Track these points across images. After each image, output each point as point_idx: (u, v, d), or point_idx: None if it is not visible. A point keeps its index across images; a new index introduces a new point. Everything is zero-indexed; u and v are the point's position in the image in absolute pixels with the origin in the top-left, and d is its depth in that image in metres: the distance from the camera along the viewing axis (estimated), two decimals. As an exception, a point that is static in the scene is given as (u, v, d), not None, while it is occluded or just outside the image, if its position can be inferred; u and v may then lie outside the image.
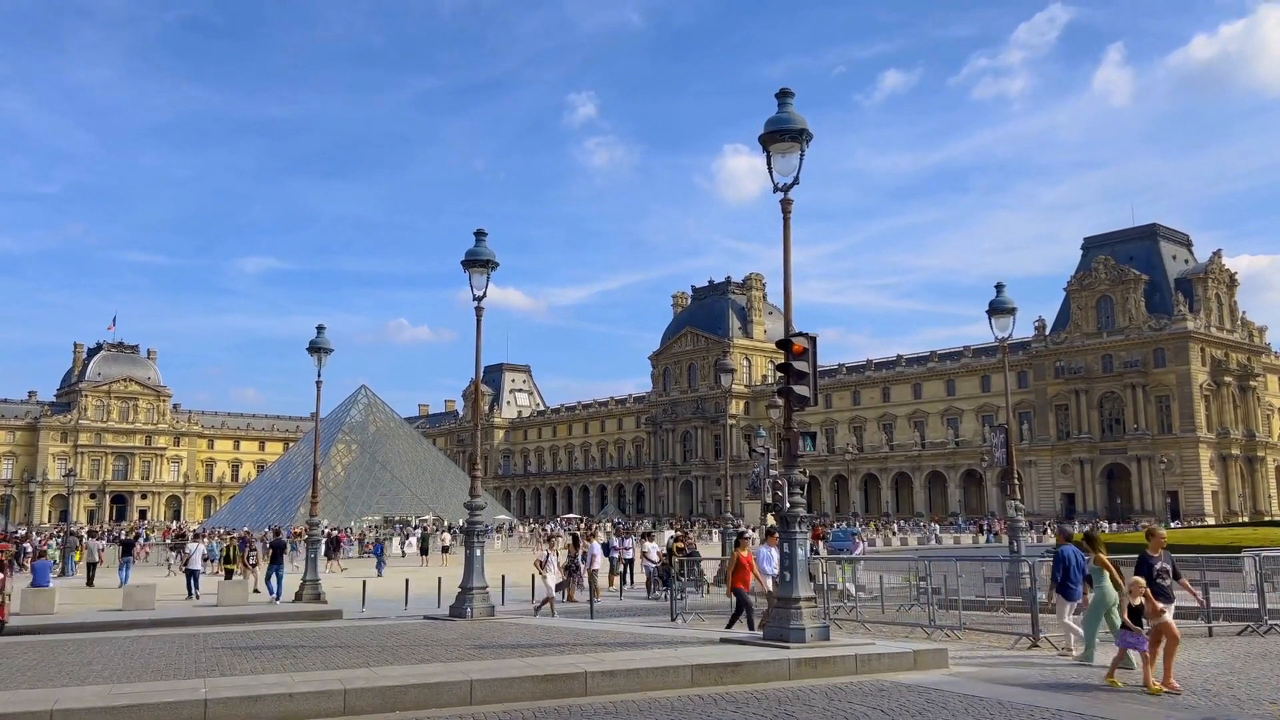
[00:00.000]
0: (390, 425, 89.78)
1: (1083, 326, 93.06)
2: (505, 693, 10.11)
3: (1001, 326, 22.70)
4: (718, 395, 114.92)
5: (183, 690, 9.86)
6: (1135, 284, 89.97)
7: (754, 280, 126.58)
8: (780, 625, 12.43)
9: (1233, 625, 16.19)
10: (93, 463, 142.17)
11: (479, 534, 19.00)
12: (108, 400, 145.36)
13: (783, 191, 13.27)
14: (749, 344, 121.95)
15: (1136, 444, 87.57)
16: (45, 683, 10.82)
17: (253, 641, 14.99)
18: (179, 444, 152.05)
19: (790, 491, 13.14)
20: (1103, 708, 9.67)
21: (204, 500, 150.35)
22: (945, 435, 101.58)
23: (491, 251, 18.73)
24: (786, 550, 12.84)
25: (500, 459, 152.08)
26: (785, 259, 13.36)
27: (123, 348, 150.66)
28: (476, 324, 18.83)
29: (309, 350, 25.90)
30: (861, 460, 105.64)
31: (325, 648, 13.94)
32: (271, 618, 20.97)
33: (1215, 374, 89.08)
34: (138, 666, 12.25)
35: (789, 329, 13.29)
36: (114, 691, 9.80)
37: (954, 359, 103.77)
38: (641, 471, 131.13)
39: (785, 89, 13.48)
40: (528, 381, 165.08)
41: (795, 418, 13.54)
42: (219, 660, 12.71)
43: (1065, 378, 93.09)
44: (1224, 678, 11.63)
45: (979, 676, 11.56)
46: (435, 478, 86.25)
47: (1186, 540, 38.03)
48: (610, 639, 14.33)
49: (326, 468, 74.81)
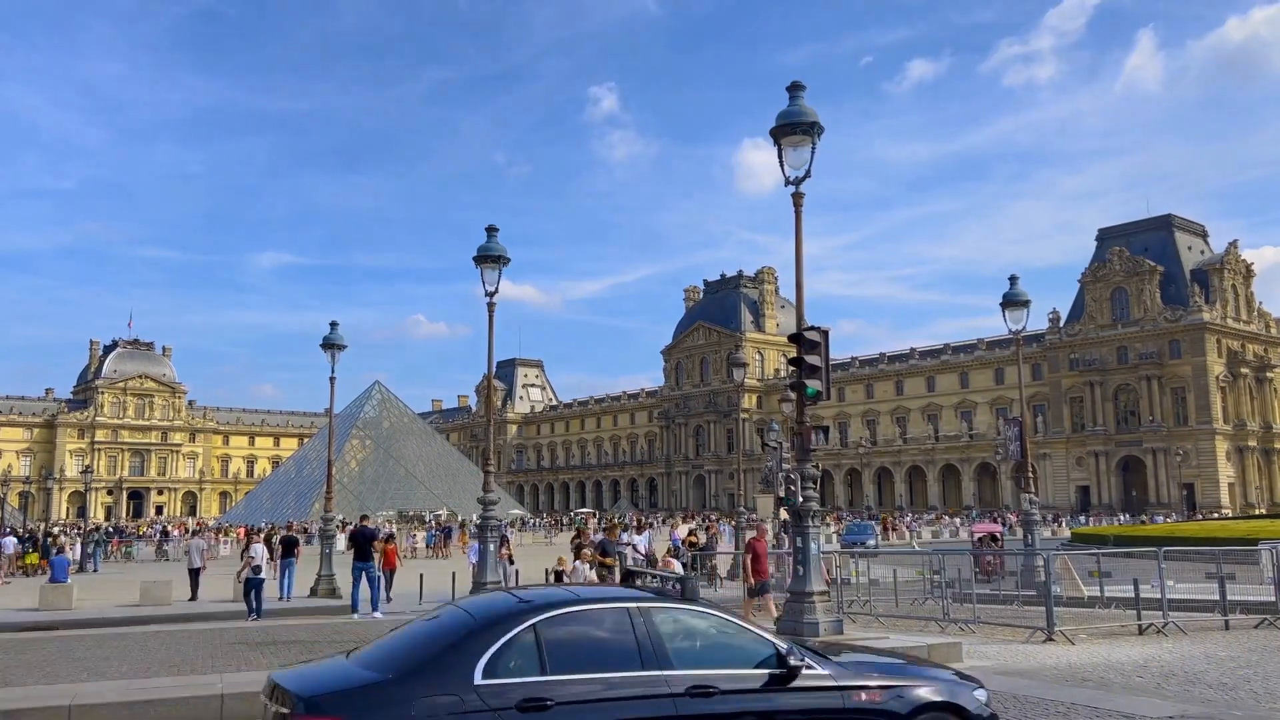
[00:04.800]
0: (404, 421, 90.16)
1: (1097, 318, 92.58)
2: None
3: (1015, 319, 22.60)
4: (730, 389, 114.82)
5: (199, 685, 9.93)
6: (1150, 275, 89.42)
7: (766, 274, 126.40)
8: (794, 619, 12.44)
9: (1250, 618, 16.10)
10: (109, 459, 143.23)
11: (492, 529, 19.05)
12: (124, 397, 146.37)
13: (794, 185, 13.24)
14: (761, 338, 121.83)
15: (1152, 436, 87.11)
16: (64, 678, 10.91)
17: (269, 637, 15.08)
18: (195, 440, 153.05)
19: (803, 486, 13.13)
20: (1117, 701, 9.63)
21: (220, 496, 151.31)
22: (959, 428, 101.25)
23: (503, 247, 18.75)
24: (800, 544, 12.84)
25: (513, 454, 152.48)
26: (797, 252, 13.35)
27: (138, 345, 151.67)
28: (489, 319, 18.87)
29: (322, 346, 25.98)
30: (875, 454, 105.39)
31: (340, 642, 13.99)
32: (287, 613, 21.08)
33: (1232, 365, 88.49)
34: (155, 662, 12.35)
35: (801, 322, 13.27)
36: (131, 686, 9.89)
37: (968, 351, 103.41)
38: (654, 466, 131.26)
39: (796, 82, 13.45)
40: (540, 376, 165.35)
41: (808, 411, 13.52)
42: (235, 655, 12.79)
43: (1080, 370, 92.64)
44: (1241, 671, 11.58)
45: (993, 670, 11.52)
46: (449, 473, 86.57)
47: (1202, 533, 37.94)
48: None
49: (341, 463, 75.14)
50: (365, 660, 5.99)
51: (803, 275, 13.36)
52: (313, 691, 5.58)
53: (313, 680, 5.84)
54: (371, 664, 5.86)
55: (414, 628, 6.39)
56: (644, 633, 6.00)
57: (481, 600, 6.83)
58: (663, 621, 6.16)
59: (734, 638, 6.32)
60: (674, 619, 6.28)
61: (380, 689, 5.50)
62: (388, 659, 5.86)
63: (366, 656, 6.07)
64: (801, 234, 13.34)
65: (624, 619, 6.07)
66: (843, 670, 6.45)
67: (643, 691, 5.78)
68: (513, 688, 5.55)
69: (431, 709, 5.39)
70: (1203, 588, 19.03)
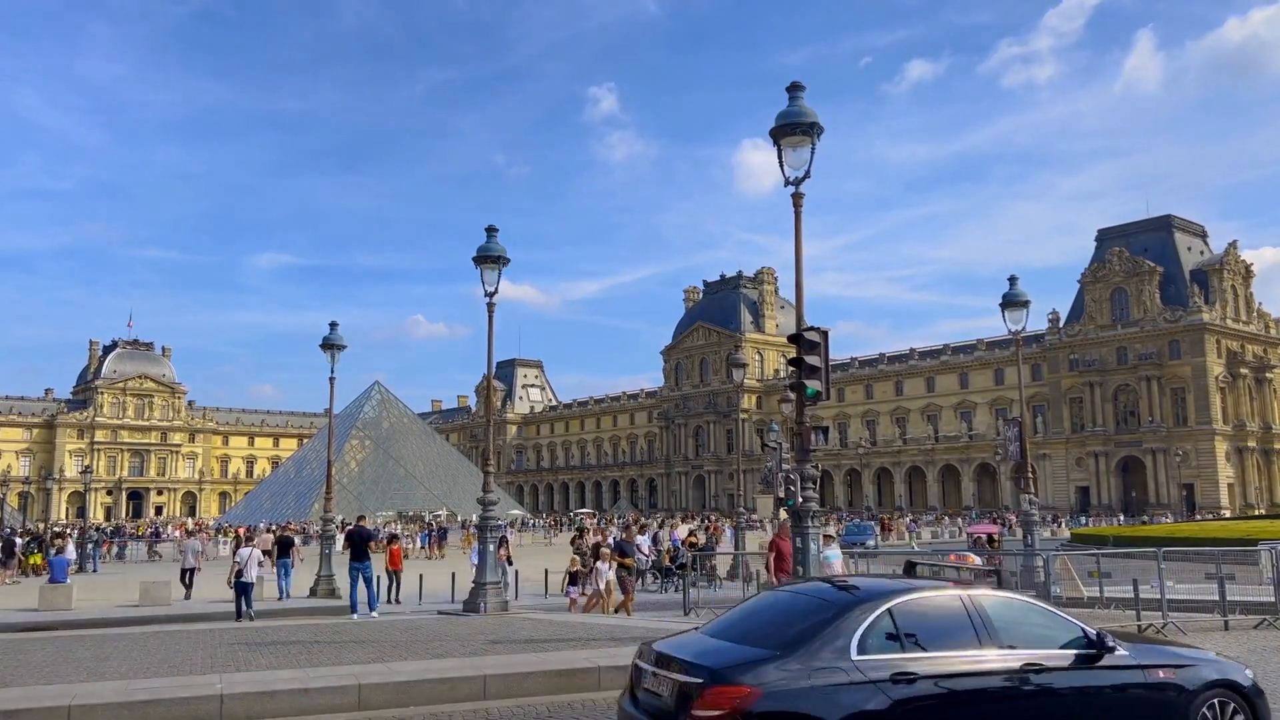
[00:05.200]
0: (404, 421, 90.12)
1: (1097, 319, 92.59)
2: (519, 687, 10.14)
3: (1015, 319, 22.60)
4: (730, 390, 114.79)
5: (199, 686, 9.92)
6: (1150, 275, 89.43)
7: (766, 274, 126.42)
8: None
9: (1249, 619, 16.10)
10: (109, 460, 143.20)
11: (492, 529, 19.07)
12: (123, 397, 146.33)
13: (794, 185, 13.23)
14: (761, 338, 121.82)
15: (1152, 437, 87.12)
16: (63, 679, 10.89)
17: (268, 637, 15.06)
18: (194, 440, 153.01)
19: (803, 486, 13.13)
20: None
21: (219, 496, 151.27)
22: (959, 429, 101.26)
23: (502, 247, 18.78)
24: (799, 544, 12.84)
25: (513, 454, 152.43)
26: (797, 253, 13.34)
27: (138, 345, 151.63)
28: (489, 320, 18.90)
29: (322, 347, 25.98)
30: (875, 454, 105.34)
31: (340, 643, 13.99)
32: (286, 613, 21.06)
33: (1231, 366, 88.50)
34: (154, 662, 12.33)
35: (800, 323, 13.26)
36: (131, 687, 9.88)
37: (967, 352, 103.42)
38: (654, 466, 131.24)
39: (796, 82, 13.43)
40: (540, 377, 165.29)
41: (808, 412, 13.51)
42: (235, 656, 12.77)
43: (1079, 370, 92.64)
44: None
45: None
46: (449, 473, 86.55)
47: (1202, 533, 37.93)
48: (624, 634, 14.34)
49: (340, 464, 75.11)
50: (724, 634, 6.82)
51: (802, 276, 13.35)
52: (717, 663, 6.26)
53: (711, 652, 6.50)
54: (737, 638, 6.65)
55: (756, 610, 7.22)
56: (976, 616, 6.70)
57: (821, 587, 7.45)
58: (991, 606, 6.87)
59: (1049, 621, 7.08)
60: (1001, 604, 7.04)
61: (774, 662, 6.19)
62: (752, 634, 6.64)
63: (721, 630, 6.94)
64: (801, 234, 13.33)
65: (958, 604, 6.79)
66: (1139, 651, 7.20)
67: (987, 667, 6.48)
68: (883, 663, 6.27)
69: (824, 679, 6.11)
70: (1202, 588, 19.02)
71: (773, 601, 7.32)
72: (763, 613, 7.05)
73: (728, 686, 5.99)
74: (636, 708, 6.73)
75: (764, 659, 6.20)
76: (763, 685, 5.99)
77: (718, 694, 6.00)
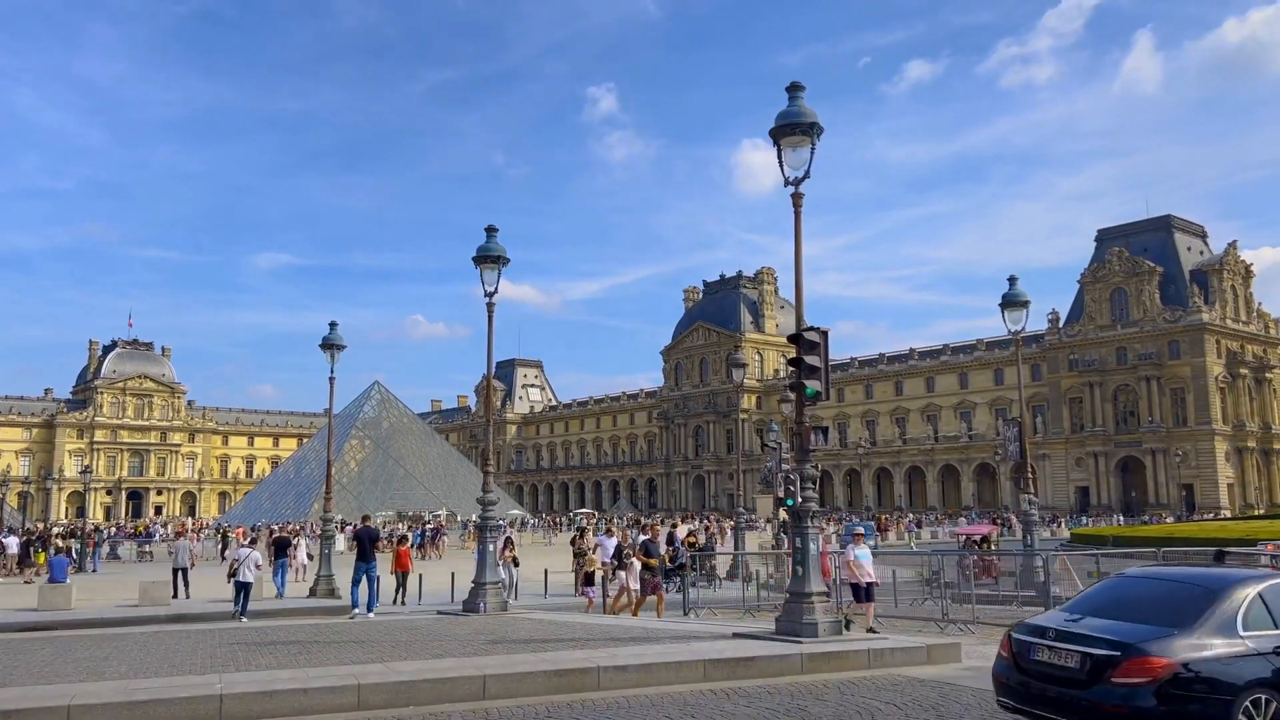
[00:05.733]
0: (403, 421, 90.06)
1: (1096, 319, 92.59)
2: (518, 687, 10.14)
3: (1014, 320, 22.63)
4: (729, 390, 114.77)
5: (199, 685, 9.92)
6: (1149, 276, 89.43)
7: (765, 274, 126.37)
8: (793, 620, 12.43)
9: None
10: (109, 459, 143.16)
11: (493, 529, 19.07)
12: (123, 397, 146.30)
13: (794, 185, 13.24)
14: (761, 338, 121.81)
15: (1151, 437, 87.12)
16: (63, 678, 10.90)
17: (267, 637, 15.06)
18: (194, 440, 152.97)
19: (802, 486, 13.13)
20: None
21: (219, 496, 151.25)
22: (959, 429, 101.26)
23: (502, 247, 18.78)
24: (799, 544, 12.84)
25: (513, 454, 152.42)
26: (796, 252, 13.35)
27: (138, 345, 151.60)
28: (488, 320, 18.90)
29: (322, 347, 25.96)
30: (874, 454, 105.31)
31: (339, 643, 14.00)
32: (286, 613, 21.07)
33: (1231, 366, 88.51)
34: (154, 662, 12.34)
35: (800, 323, 13.27)
36: (131, 687, 9.88)
37: (967, 352, 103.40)
38: (654, 466, 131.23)
39: (796, 82, 13.45)
40: (540, 377, 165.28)
41: (808, 412, 13.52)
42: (234, 656, 12.77)
43: (1079, 370, 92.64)
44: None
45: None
46: (448, 473, 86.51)
47: (1202, 534, 37.93)
48: (623, 634, 14.34)
49: (340, 464, 75.12)
50: (1098, 613, 7.70)
51: (802, 276, 13.37)
52: (1128, 637, 7.17)
53: (1110, 629, 7.38)
54: (1116, 617, 7.52)
55: (1117, 592, 8.16)
56: None
57: (1184, 572, 8.59)
58: None
59: None
60: None
61: (1173, 638, 7.08)
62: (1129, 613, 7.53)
63: (1092, 610, 7.80)
64: (801, 234, 13.34)
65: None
66: None
67: None
68: (1266, 638, 7.23)
69: (1222, 650, 7.07)
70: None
71: (1133, 584, 8.35)
72: (1129, 594, 8.01)
73: (1144, 658, 6.94)
74: (1026, 676, 7.67)
75: (1164, 635, 7.10)
76: (1174, 657, 6.93)
77: (1137, 664, 6.96)
